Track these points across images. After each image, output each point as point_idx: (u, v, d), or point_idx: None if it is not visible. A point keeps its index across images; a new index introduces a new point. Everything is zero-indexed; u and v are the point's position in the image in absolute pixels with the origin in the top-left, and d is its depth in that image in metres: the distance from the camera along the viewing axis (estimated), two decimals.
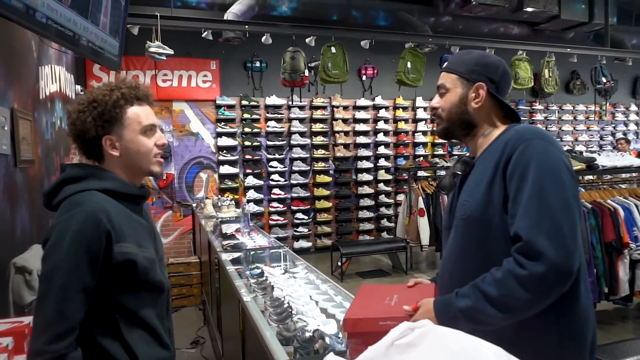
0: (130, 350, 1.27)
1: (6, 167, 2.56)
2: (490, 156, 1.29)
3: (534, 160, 1.18)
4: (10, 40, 2.83)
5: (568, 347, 1.23)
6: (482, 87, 1.34)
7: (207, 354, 3.98)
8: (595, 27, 7.63)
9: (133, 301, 1.30)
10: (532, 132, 1.24)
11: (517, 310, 1.14)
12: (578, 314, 1.23)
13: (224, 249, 3.20)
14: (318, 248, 7.59)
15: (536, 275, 1.10)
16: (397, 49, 6.49)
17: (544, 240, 1.10)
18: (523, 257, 1.12)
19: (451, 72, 1.38)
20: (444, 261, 1.43)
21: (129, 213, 1.34)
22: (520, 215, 1.15)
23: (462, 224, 1.30)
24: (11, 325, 1.66)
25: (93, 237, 1.20)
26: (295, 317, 1.83)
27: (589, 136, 9.44)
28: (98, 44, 3.36)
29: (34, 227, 2.99)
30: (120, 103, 1.32)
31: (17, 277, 2.37)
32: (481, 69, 1.35)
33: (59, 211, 1.24)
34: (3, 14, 2.13)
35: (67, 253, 1.18)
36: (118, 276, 1.26)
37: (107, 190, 1.29)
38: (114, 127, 1.32)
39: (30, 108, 3.15)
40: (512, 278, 1.12)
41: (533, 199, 1.14)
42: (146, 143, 1.36)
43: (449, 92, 1.37)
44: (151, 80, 6.73)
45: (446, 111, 1.37)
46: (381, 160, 8.00)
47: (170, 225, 6.99)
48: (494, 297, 1.14)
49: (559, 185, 1.16)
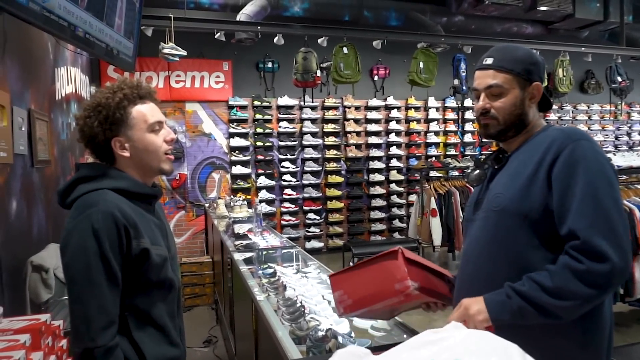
0: (137, 348, 1.28)
1: (23, 167, 2.60)
2: (529, 152, 1.29)
3: (584, 160, 1.19)
4: (27, 42, 2.88)
5: (590, 347, 1.24)
6: (539, 88, 1.34)
7: (219, 353, 4.00)
8: (610, 25, 7.53)
9: (144, 299, 1.32)
10: (578, 133, 1.25)
11: (572, 302, 1.13)
12: (602, 314, 1.25)
13: (236, 249, 3.22)
14: (330, 248, 7.59)
15: (595, 272, 1.11)
16: (409, 49, 6.48)
17: (602, 241, 1.11)
18: (581, 255, 1.13)
19: (505, 72, 1.31)
20: (466, 253, 1.41)
21: (142, 212, 1.35)
22: (575, 215, 1.15)
23: (494, 215, 1.29)
24: (28, 323, 1.68)
25: (114, 234, 1.22)
26: (307, 316, 1.84)
27: (604, 136, 9.32)
28: (112, 46, 3.40)
29: (50, 227, 3.03)
30: (124, 104, 1.33)
31: (34, 275, 2.41)
32: (535, 68, 1.34)
33: (74, 210, 1.26)
34: (20, 16, 2.17)
35: (94, 252, 1.20)
36: (132, 273, 1.28)
37: (119, 190, 1.31)
38: (121, 129, 1.33)
39: (47, 109, 3.20)
40: (569, 271, 1.13)
41: (587, 199, 1.15)
42: (154, 140, 1.37)
43: (506, 93, 1.32)
44: (164, 81, 6.79)
45: (504, 113, 1.32)
46: (393, 161, 7.98)
47: (183, 225, 7.04)
48: (549, 288, 1.13)
49: (610, 186, 1.18)
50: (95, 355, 1.17)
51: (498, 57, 1.33)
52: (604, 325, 1.25)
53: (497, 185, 1.32)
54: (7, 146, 2.30)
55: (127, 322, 1.28)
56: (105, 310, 1.21)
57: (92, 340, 1.17)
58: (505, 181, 1.31)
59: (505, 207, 1.26)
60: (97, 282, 1.20)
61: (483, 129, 1.37)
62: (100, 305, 1.20)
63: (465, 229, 1.45)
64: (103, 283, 1.21)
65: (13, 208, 2.40)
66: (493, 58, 1.33)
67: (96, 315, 1.19)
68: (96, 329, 1.18)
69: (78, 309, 1.20)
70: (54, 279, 2.46)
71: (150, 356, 1.29)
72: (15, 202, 2.44)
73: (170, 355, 1.36)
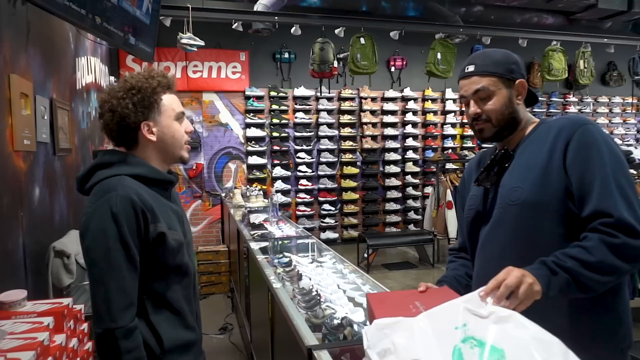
0: (154, 331, 1.31)
1: (45, 155, 2.65)
2: (537, 144, 1.32)
3: (596, 143, 1.23)
4: (49, 32, 2.92)
5: (624, 328, 1.27)
6: (524, 84, 1.37)
7: (235, 340, 4.06)
8: (634, 15, 7.34)
9: (161, 283, 1.34)
10: (583, 118, 1.30)
11: (610, 277, 1.16)
12: (626, 301, 1.29)
13: (252, 238, 3.25)
14: (344, 239, 7.61)
15: (631, 246, 1.14)
16: (427, 40, 6.41)
17: (630, 217, 1.15)
18: (615, 230, 1.15)
19: (489, 75, 1.35)
20: (484, 251, 1.40)
21: (159, 197, 1.38)
22: (600, 195, 1.19)
23: (512, 209, 1.30)
24: (51, 306, 1.73)
25: (132, 217, 1.25)
26: (323, 304, 1.85)
27: (625, 129, 9.15)
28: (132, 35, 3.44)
29: (71, 213, 3.10)
30: (158, 90, 1.38)
31: (56, 260, 2.47)
32: (516, 67, 1.38)
33: (92, 195, 1.29)
34: (43, 6, 2.20)
35: (113, 235, 1.23)
36: (150, 257, 1.31)
37: (137, 176, 1.33)
38: (152, 114, 1.37)
39: (68, 98, 3.25)
40: (605, 245, 1.15)
41: (607, 179, 1.19)
42: (179, 129, 1.43)
43: (494, 95, 1.34)
44: (182, 72, 6.84)
45: (496, 113, 1.35)
46: (409, 152, 7.94)
47: (200, 214, 7.11)
48: (591, 262, 1.14)
49: (623, 165, 1.23)
50: (116, 335, 1.20)
51: (479, 63, 1.37)
52: (628, 313, 1.28)
53: (512, 180, 1.32)
54: (30, 134, 2.35)
55: (144, 305, 1.31)
56: (125, 292, 1.24)
57: (113, 320, 1.21)
58: (519, 175, 1.31)
59: (527, 199, 1.27)
60: (117, 264, 1.23)
61: (478, 133, 1.40)
62: (120, 286, 1.23)
63: (471, 229, 1.45)
64: (122, 265, 1.24)
65: (36, 195, 2.46)
66: (474, 65, 1.37)
67: (116, 296, 1.22)
68: (117, 310, 1.21)
69: (99, 291, 1.23)
70: (75, 265, 2.52)
71: (167, 339, 1.32)
72: (38, 189, 2.49)
73: (186, 339, 1.39)
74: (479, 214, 1.43)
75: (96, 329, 1.23)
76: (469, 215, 1.47)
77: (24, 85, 2.29)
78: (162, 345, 1.31)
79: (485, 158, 1.48)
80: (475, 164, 1.56)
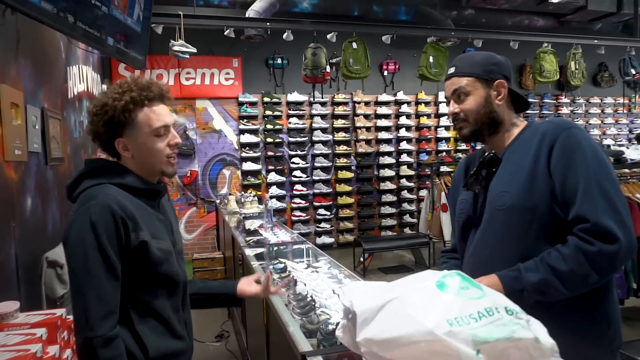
0: (139, 340, 1.30)
1: (37, 165, 2.64)
2: (523, 148, 1.33)
3: (579, 147, 1.23)
4: (40, 41, 2.91)
5: (613, 329, 1.28)
6: (503, 84, 1.39)
7: (231, 347, 4.04)
8: (624, 17, 7.42)
9: (146, 292, 1.33)
10: (567, 122, 1.30)
11: (582, 284, 1.19)
12: (614, 303, 1.31)
13: (247, 245, 3.24)
14: (340, 244, 7.60)
15: (606, 253, 1.15)
16: (419, 44, 6.44)
17: (609, 220, 1.16)
18: (591, 237, 1.17)
19: (467, 75, 1.39)
20: (474, 256, 1.41)
21: (145, 206, 1.37)
22: (581, 199, 1.20)
23: (501, 214, 1.31)
24: (45, 317, 1.71)
25: (111, 225, 1.24)
26: (318, 310, 1.84)
27: (617, 129, 9.21)
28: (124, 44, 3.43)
29: (64, 223, 3.07)
30: (129, 107, 1.32)
31: (49, 271, 2.45)
32: (496, 68, 1.40)
33: (76, 204, 1.29)
34: (33, 16, 2.20)
35: (91, 244, 1.22)
36: (133, 265, 1.30)
37: (122, 185, 1.33)
38: (125, 130, 1.34)
39: (60, 107, 3.24)
40: (581, 254, 1.17)
41: (589, 182, 1.20)
42: (157, 145, 1.36)
43: (471, 95, 1.38)
44: (175, 79, 6.83)
45: (472, 112, 1.38)
46: (403, 156, 7.96)
47: (195, 222, 7.09)
48: (562, 271, 1.18)
49: (607, 169, 1.23)
50: (94, 344, 1.18)
51: (459, 65, 1.42)
52: (611, 320, 1.28)
53: (499, 184, 1.34)
54: (21, 144, 2.33)
55: (129, 314, 1.30)
56: (103, 301, 1.22)
57: (91, 329, 1.19)
58: (507, 179, 1.32)
59: (514, 204, 1.28)
60: (95, 273, 1.21)
61: (459, 132, 1.43)
62: (98, 295, 1.21)
63: (462, 232, 1.46)
64: (101, 274, 1.22)
65: (28, 205, 2.44)
66: (455, 67, 1.43)
67: (94, 305, 1.20)
68: (95, 319, 1.20)
69: (78, 300, 1.22)
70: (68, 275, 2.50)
71: (152, 349, 1.30)
72: (30, 199, 2.47)
73: (174, 348, 1.37)
74: (469, 218, 1.44)
75: (77, 339, 1.22)
76: (460, 219, 1.48)
77: (15, 95, 2.28)
78: (147, 355, 1.30)
79: (474, 160, 1.49)
80: (464, 167, 1.57)
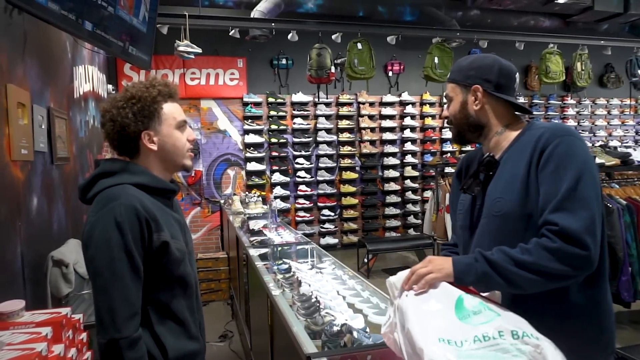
0: (159, 341, 1.31)
1: (43, 165, 2.65)
2: (519, 153, 1.32)
3: (568, 155, 1.23)
4: (46, 41, 2.92)
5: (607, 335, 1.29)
6: (478, 89, 1.40)
7: (235, 347, 4.04)
8: (631, 17, 7.35)
9: (165, 293, 1.34)
10: (563, 129, 1.29)
11: (537, 277, 1.17)
12: (608, 309, 1.30)
13: (251, 245, 3.24)
14: (344, 244, 7.59)
15: (568, 252, 1.15)
16: (424, 44, 6.43)
17: (581, 229, 1.15)
18: (555, 236, 1.17)
19: (452, 82, 1.47)
20: None
21: (161, 206, 1.38)
22: (557, 204, 1.19)
23: (496, 220, 1.31)
24: (50, 316, 1.72)
25: (136, 227, 1.25)
26: (322, 311, 1.84)
27: (623, 131, 9.16)
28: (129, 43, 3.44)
29: (70, 222, 3.09)
30: (158, 99, 1.38)
31: (55, 270, 2.45)
32: (475, 72, 1.42)
33: (95, 204, 1.28)
34: (40, 16, 2.21)
35: (118, 244, 1.23)
36: (154, 266, 1.30)
37: (139, 185, 1.33)
38: (153, 123, 1.37)
39: (66, 107, 3.25)
40: (542, 249, 1.17)
41: (570, 190, 1.19)
42: (181, 137, 1.43)
43: (452, 101, 1.46)
44: (180, 79, 6.85)
45: (453, 117, 1.46)
46: (408, 157, 7.94)
47: (199, 221, 7.10)
48: (520, 261, 1.18)
49: (592, 180, 1.21)
50: (120, 345, 1.20)
51: (452, 71, 1.50)
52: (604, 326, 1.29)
53: (496, 190, 1.34)
54: (27, 144, 2.34)
55: (149, 315, 1.31)
56: (129, 302, 1.23)
57: (118, 330, 1.20)
58: (503, 185, 1.33)
59: (508, 211, 1.28)
60: (121, 274, 1.22)
61: (451, 134, 1.53)
62: (124, 296, 1.22)
63: (462, 236, 1.47)
64: (127, 275, 1.23)
65: (34, 204, 2.45)
66: (450, 72, 1.51)
67: (120, 306, 1.21)
68: (121, 320, 1.21)
69: (103, 301, 1.22)
70: (74, 274, 2.51)
71: (171, 350, 1.32)
72: (36, 199, 2.48)
73: (190, 349, 1.38)
74: (467, 220, 1.44)
75: (100, 339, 1.22)
76: (459, 220, 1.50)
77: (21, 95, 2.29)
78: (166, 356, 1.31)
79: (474, 160, 1.51)
80: (464, 166, 1.58)
